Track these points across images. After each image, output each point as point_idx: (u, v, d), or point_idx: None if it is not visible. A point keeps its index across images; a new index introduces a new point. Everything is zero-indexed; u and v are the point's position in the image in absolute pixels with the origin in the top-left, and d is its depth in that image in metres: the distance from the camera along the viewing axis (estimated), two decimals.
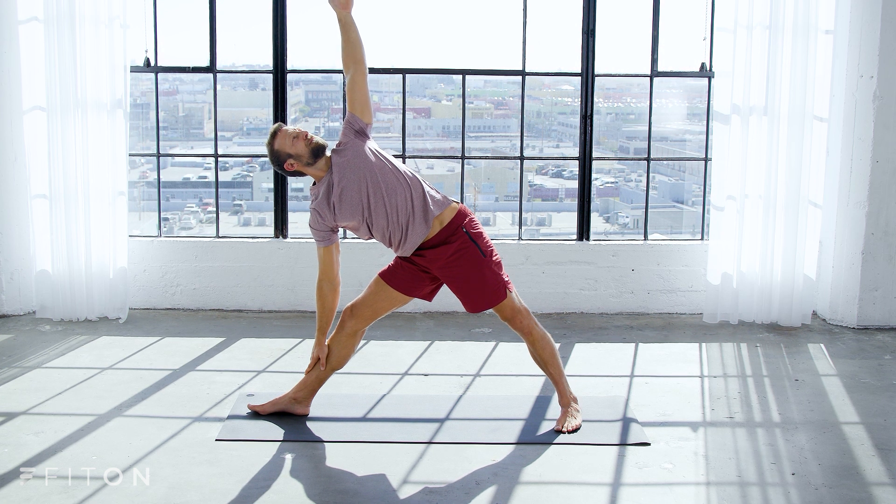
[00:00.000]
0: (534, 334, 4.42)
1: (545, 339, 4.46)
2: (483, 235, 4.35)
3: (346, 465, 4.00)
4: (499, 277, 4.34)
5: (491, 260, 4.32)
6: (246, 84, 17.81)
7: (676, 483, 3.89)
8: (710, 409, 4.74)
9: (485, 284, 4.31)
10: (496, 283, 4.33)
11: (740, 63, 6.14)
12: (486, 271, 4.30)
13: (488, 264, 4.31)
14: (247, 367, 5.30)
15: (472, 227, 4.33)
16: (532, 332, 4.42)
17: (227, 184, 16.58)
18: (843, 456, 4.17)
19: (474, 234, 4.31)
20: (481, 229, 4.35)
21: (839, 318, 6.34)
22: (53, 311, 6.24)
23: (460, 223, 4.31)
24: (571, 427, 4.37)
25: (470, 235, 4.30)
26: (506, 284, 4.36)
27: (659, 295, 6.59)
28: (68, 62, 6.05)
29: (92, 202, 6.18)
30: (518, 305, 4.40)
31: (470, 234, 4.30)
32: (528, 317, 4.43)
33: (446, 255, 4.29)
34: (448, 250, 4.28)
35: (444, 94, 19.39)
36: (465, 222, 4.32)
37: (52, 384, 4.94)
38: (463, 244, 4.29)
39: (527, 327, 4.42)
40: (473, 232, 4.32)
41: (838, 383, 5.16)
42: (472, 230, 4.32)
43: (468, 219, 4.34)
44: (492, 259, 4.33)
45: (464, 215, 4.34)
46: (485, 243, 4.33)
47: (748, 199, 6.25)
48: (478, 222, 4.37)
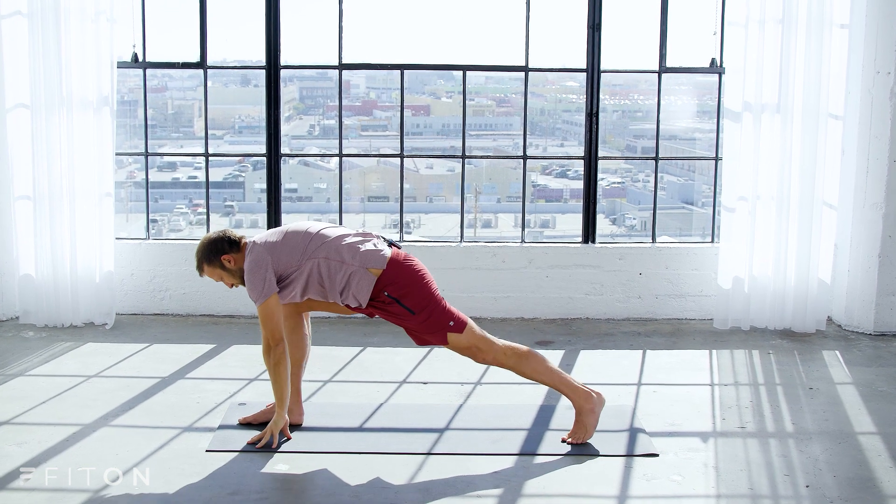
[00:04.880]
0: (507, 363, 4.34)
1: (521, 360, 4.33)
2: (412, 286, 4.24)
3: (342, 477, 4.00)
4: (438, 321, 4.26)
5: (425, 311, 4.24)
6: (238, 80, 17.83)
7: (686, 496, 3.89)
8: (721, 419, 4.74)
9: (422, 330, 4.31)
10: (435, 327, 4.28)
11: (752, 58, 6.15)
12: (417, 322, 4.27)
13: (420, 318, 4.25)
14: (238, 375, 5.30)
15: (398, 284, 4.23)
16: (502, 363, 4.34)
17: (219, 184, 16.60)
18: (859, 467, 4.17)
19: (399, 294, 4.24)
20: (411, 277, 4.23)
21: (855, 323, 6.34)
22: (37, 317, 6.24)
23: (381, 288, 4.24)
24: (581, 440, 4.36)
25: (394, 298, 4.24)
26: (446, 327, 4.26)
27: (667, 300, 6.60)
28: (53, 58, 6.05)
29: (77, 203, 6.19)
30: (470, 342, 4.29)
31: (393, 297, 4.24)
32: (487, 350, 4.31)
33: (371, 312, 4.34)
34: (372, 312, 4.33)
35: (443, 90, 19.42)
36: (386, 285, 4.23)
37: (35, 393, 4.94)
38: (386, 305, 4.27)
39: (492, 361, 4.35)
40: (397, 293, 4.23)
41: (854, 392, 5.16)
42: (396, 291, 4.23)
43: (392, 277, 4.23)
44: (427, 308, 4.24)
45: (387, 274, 4.22)
46: (415, 299, 4.23)
47: (760, 200, 6.26)
48: (409, 266, 4.26)
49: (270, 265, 4.22)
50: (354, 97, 18.79)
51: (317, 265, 4.24)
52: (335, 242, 4.27)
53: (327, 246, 4.26)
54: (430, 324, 4.27)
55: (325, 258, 4.24)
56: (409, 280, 4.25)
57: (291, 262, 4.25)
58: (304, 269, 4.25)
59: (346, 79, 18.98)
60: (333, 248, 4.26)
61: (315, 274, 4.25)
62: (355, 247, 4.26)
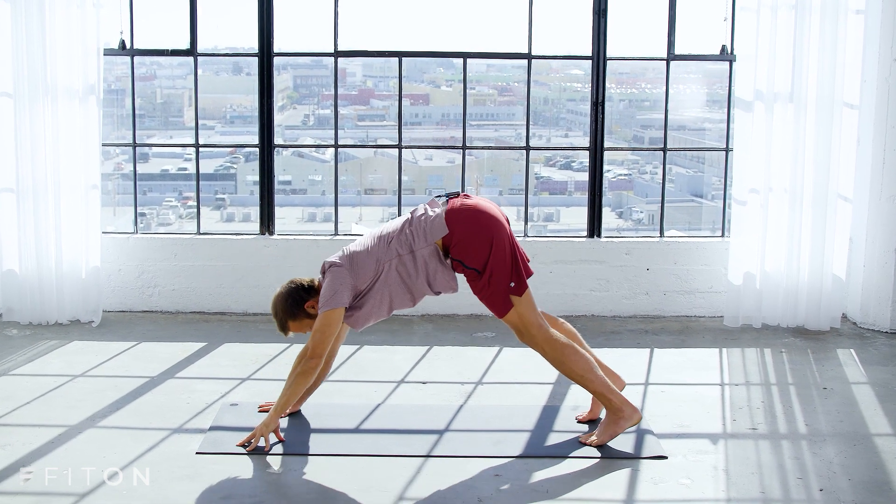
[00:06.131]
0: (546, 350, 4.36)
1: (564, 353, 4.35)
2: (469, 234, 4.24)
3: (338, 481, 4.01)
4: (500, 287, 4.28)
5: (486, 268, 4.25)
6: (229, 68, 17.83)
7: (695, 500, 3.89)
8: (732, 420, 4.74)
9: (486, 294, 4.33)
10: (497, 296, 4.31)
11: (764, 45, 6.14)
12: (482, 285, 4.30)
13: (484, 279, 4.27)
14: (230, 375, 5.30)
15: (455, 238, 4.24)
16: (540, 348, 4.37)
17: (209, 176, 16.61)
18: (875, 471, 4.17)
19: (461, 253, 4.26)
20: (465, 221, 4.23)
21: (871, 321, 6.34)
22: (21, 314, 6.24)
23: (449, 255, 4.29)
24: (594, 443, 4.35)
25: (458, 261, 4.28)
26: (507, 300, 4.29)
27: (676, 296, 6.60)
28: (37, 45, 6.04)
29: (63, 196, 6.18)
30: (525, 319, 4.32)
31: (457, 259, 4.28)
32: (537, 330, 4.33)
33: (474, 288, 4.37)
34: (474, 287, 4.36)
35: (443, 79, 19.42)
36: (451, 247, 4.27)
37: (19, 393, 4.94)
38: (467, 276, 4.31)
39: (531, 344, 4.38)
40: (459, 254, 4.26)
41: (870, 392, 5.16)
42: (458, 252, 4.25)
43: (451, 234, 4.25)
44: (489, 264, 4.25)
45: (447, 236, 4.25)
46: (478, 258, 4.24)
47: (772, 192, 6.25)
48: (463, 210, 4.25)
49: (349, 281, 4.24)
50: (351, 86, 18.79)
51: (393, 267, 4.27)
52: (399, 235, 4.30)
53: (395, 241, 4.29)
54: (494, 285, 4.26)
55: (398, 255, 4.27)
56: (465, 229, 4.25)
57: (368, 271, 4.27)
58: (382, 276, 4.27)
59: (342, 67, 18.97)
60: (400, 241, 4.28)
61: (395, 278, 4.28)
62: (413, 228, 4.28)
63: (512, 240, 4.32)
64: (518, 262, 4.31)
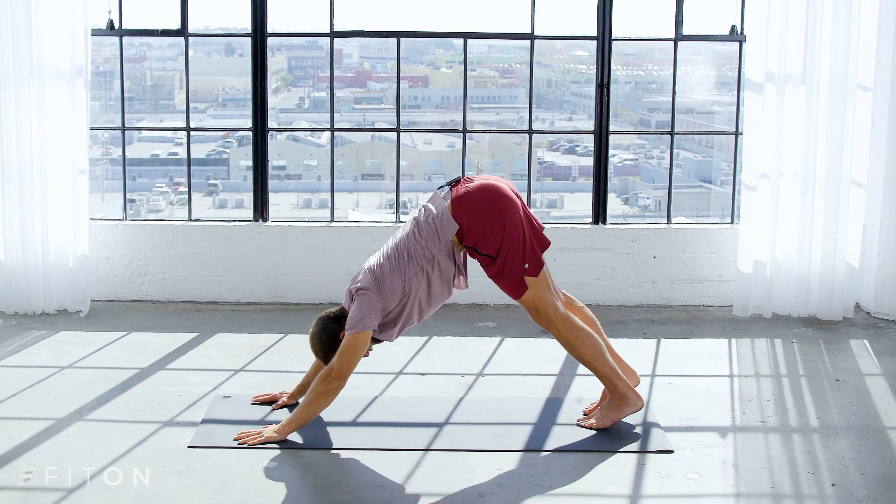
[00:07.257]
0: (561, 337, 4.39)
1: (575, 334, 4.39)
2: (478, 220, 4.26)
3: (335, 475, 4.01)
4: (514, 270, 4.29)
5: (501, 252, 4.27)
6: (221, 49, 17.82)
7: (703, 495, 3.90)
8: (741, 413, 4.74)
9: (502, 278, 4.34)
10: (512, 278, 4.32)
11: (775, 25, 6.13)
12: (496, 269, 4.31)
13: (498, 263, 4.29)
14: (222, 366, 5.31)
15: (465, 225, 4.25)
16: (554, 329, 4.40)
17: (201, 161, 16.61)
18: (889, 465, 4.17)
19: (473, 240, 4.28)
20: (472, 206, 4.24)
21: (885, 310, 6.35)
22: (6, 304, 6.25)
23: (464, 245, 4.32)
24: (593, 426, 4.40)
25: (472, 248, 4.30)
26: (522, 283, 4.30)
27: (684, 285, 6.60)
28: (22, 25, 6.03)
29: (49, 182, 6.18)
30: (541, 301, 4.34)
31: (469, 246, 4.30)
32: (553, 311, 4.35)
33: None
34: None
35: (443, 60, 19.41)
36: (462, 236, 4.29)
37: (5, 385, 4.95)
38: (482, 264, 4.33)
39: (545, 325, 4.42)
40: (472, 241, 4.28)
41: (884, 384, 5.16)
42: (470, 239, 4.27)
43: (460, 223, 4.26)
44: (509, 253, 4.27)
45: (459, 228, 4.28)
46: (492, 243, 4.26)
47: (784, 177, 6.25)
48: (466, 195, 4.26)
49: (377, 304, 4.23)
50: (347, 67, 18.78)
51: (420, 281, 4.28)
52: (414, 243, 4.28)
53: (414, 251, 4.27)
54: (508, 269, 4.27)
55: (421, 268, 4.28)
56: (473, 217, 4.26)
57: (396, 291, 4.26)
58: (412, 293, 4.28)
59: (339, 48, 18.96)
60: (418, 250, 4.27)
61: (424, 290, 4.30)
62: (425, 233, 4.28)
63: (524, 216, 4.34)
64: (531, 242, 4.33)
